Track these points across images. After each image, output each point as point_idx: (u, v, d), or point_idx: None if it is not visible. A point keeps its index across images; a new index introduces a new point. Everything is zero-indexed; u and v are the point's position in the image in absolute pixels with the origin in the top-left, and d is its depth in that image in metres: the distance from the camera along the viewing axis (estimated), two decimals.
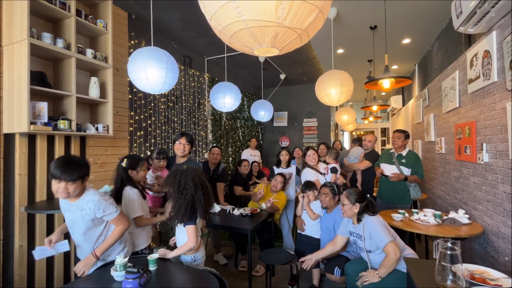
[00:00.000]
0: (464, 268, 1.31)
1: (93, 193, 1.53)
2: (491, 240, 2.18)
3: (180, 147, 2.50)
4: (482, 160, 2.26)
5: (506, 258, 1.96)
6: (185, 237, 1.67)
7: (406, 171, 2.89)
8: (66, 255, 2.35)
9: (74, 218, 1.53)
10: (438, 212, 2.47)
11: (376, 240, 1.82)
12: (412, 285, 1.42)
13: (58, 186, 1.41)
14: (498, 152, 2.05)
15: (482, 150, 2.25)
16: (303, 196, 2.63)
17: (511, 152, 1.83)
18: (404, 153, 2.97)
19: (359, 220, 1.94)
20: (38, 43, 2.00)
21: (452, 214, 2.38)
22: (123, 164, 1.85)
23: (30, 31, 1.96)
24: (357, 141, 4.35)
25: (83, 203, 1.50)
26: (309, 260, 2.15)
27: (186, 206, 1.60)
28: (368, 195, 3.53)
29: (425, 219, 2.36)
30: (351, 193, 1.97)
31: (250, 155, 5.00)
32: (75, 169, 1.43)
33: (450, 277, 1.26)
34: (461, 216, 2.34)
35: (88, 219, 1.51)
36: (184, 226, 1.65)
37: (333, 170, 3.04)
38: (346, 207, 1.95)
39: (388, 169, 3.00)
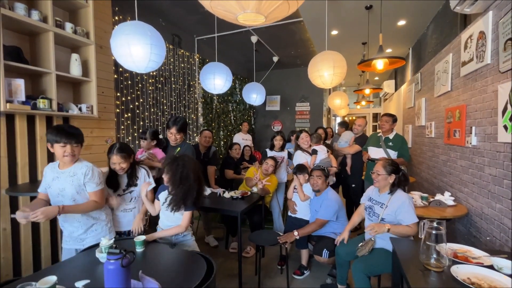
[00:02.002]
0: (447, 247, 1.33)
1: (87, 162, 1.66)
2: (474, 221, 2.25)
3: (172, 137, 2.50)
4: (470, 143, 2.28)
5: (488, 238, 2.03)
6: (174, 221, 1.77)
7: (393, 154, 2.94)
8: (53, 236, 2.32)
9: (63, 185, 1.59)
10: (425, 195, 2.52)
11: (404, 214, 1.79)
12: (397, 264, 1.45)
13: (64, 150, 1.53)
14: (486, 135, 2.06)
15: (471, 133, 2.27)
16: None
17: (500, 134, 1.84)
18: (391, 136, 3.02)
19: (391, 191, 1.91)
20: (10, 14, 1.84)
21: (438, 197, 2.43)
22: None
23: (1, 1, 1.80)
24: (343, 124, 4.36)
25: (76, 169, 1.61)
26: (342, 235, 2.14)
27: (183, 194, 1.68)
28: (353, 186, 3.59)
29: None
30: (388, 163, 1.93)
31: (242, 139, 4.96)
32: (77, 132, 1.59)
33: (434, 255, 1.28)
34: (446, 198, 2.39)
35: (77, 184, 1.60)
36: (186, 210, 1.74)
37: (313, 152, 3.07)
38: (381, 177, 1.91)
39: (375, 152, 3.04)
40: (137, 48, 1.85)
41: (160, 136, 2.71)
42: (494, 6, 1.94)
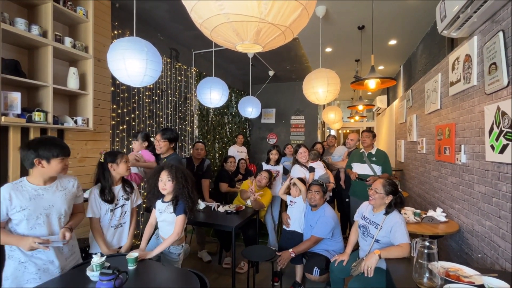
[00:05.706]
0: (440, 266, 1.35)
1: (67, 175, 1.61)
2: (465, 238, 2.27)
3: (156, 144, 2.49)
4: (460, 161, 2.33)
5: (479, 255, 2.05)
6: (171, 229, 1.77)
7: (377, 169, 2.99)
8: None
9: (52, 200, 1.46)
10: (418, 211, 2.55)
11: (396, 234, 1.76)
12: (391, 283, 1.45)
13: (63, 163, 1.45)
14: (475, 153, 2.12)
15: (460, 151, 2.33)
16: (291, 178, 2.76)
17: (487, 153, 1.90)
18: (373, 151, 3.07)
19: (387, 212, 1.87)
20: (11, 29, 1.87)
21: (430, 213, 2.46)
22: (101, 160, 1.82)
23: (1, 15, 1.83)
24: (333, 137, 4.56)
25: (64, 183, 1.55)
26: (342, 256, 2.09)
27: (187, 196, 1.76)
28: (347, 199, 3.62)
29: (405, 217, 2.42)
30: (388, 183, 1.89)
31: (237, 151, 4.97)
32: (65, 144, 1.51)
33: (427, 274, 1.30)
34: (439, 214, 2.42)
35: (70, 198, 1.55)
36: (177, 215, 1.75)
37: (310, 169, 3.11)
38: (378, 195, 1.87)
39: (360, 168, 3.07)
40: (133, 62, 1.89)
41: (153, 139, 2.75)
42: (478, 32, 2.05)
